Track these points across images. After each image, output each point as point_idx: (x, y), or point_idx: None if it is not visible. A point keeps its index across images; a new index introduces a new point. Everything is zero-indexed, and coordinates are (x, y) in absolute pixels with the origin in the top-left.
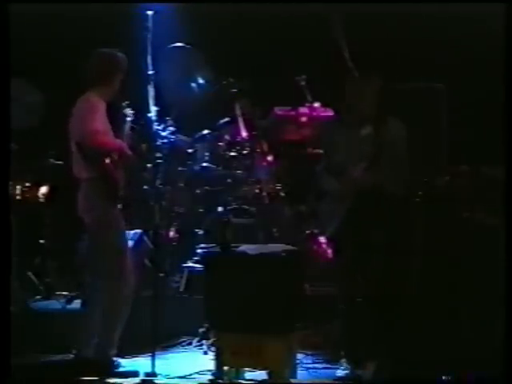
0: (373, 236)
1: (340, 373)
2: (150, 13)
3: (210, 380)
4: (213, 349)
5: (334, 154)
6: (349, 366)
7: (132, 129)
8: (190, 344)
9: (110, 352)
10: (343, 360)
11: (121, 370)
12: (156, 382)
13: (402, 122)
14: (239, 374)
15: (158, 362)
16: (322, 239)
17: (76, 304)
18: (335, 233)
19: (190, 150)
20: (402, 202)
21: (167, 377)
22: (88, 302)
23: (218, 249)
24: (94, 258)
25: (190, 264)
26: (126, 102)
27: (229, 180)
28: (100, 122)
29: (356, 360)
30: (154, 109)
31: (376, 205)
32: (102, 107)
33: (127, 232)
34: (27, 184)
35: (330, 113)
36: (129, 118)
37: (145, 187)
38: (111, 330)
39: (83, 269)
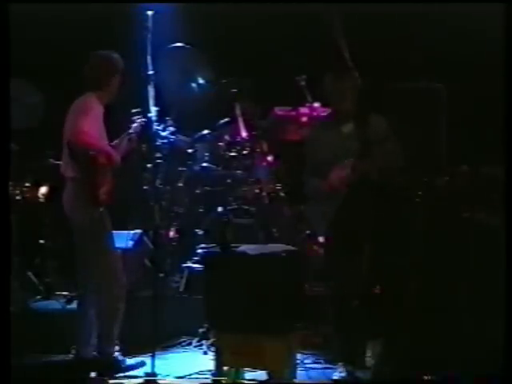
0: (364, 233)
1: (338, 375)
2: (149, 13)
3: (212, 380)
4: (213, 349)
5: (318, 154)
6: (347, 368)
7: (140, 134)
8: (189, 344)
9: (111, 350)
10: (340, 363)
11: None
12: (159, 382)
13: (384, 119)
14: (239, 374)
15: (157, 362)
16: (322, 239)
17: (76, 304)
18: (326, 234)
19: (190, 150)
20: (396, 197)
21: (167, 377)
22: (81, 302)
23: (218, 249)
24: (82, 259)
25: (190, 264)
26: (138, 109)
27: (229, 180)
28: (91, 123)
29: (353, 361)
30: (154, 109)
31: (367, 198)
32: (97, 109)
33: (127, 232)
34: (27, 184)
35: None
36: (135, 125)
37: (145, 187)
38: (109, 329)
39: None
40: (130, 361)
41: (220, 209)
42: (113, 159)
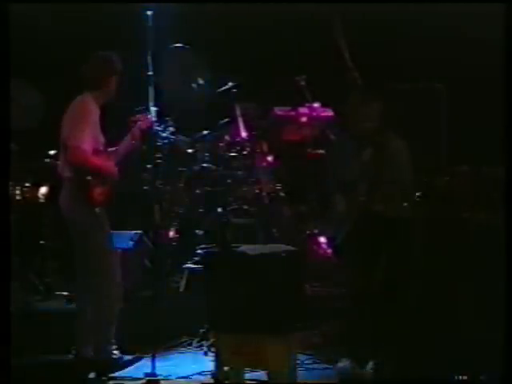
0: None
1: (339, 373)
2: (149, 13)
3: (215, 380)
4: (213, 349)
5: (339, 173)
6: (349, 365)
7: (145, 131)
8: (190, 344)
9: (108, 349)
10: (345, 359)
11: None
12: (160, 382)
13: (403, 144)
14: (239, 374)
15: (158, 363)
16: (322, 239)
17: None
18: (343, 240)
19: (190, 150)
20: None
21: (168, 377)
22: (80, 301)
23: (217, 249)
24: (80, 258)
25: (190, 264)
26: (143, 107)
27: (229, 180)
28: (88, 131)
29: (358, 359)
30: (153, 109)
31: (378, 228)
32: (94, 112)
33: (127, 232)
34: (27, 184)
35: (330, 113)
36: (140, 123)
37: (145, 187)
38: (105, 328)
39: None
40: (126, 357)
41: (220, 209)
42: (111, 174)
